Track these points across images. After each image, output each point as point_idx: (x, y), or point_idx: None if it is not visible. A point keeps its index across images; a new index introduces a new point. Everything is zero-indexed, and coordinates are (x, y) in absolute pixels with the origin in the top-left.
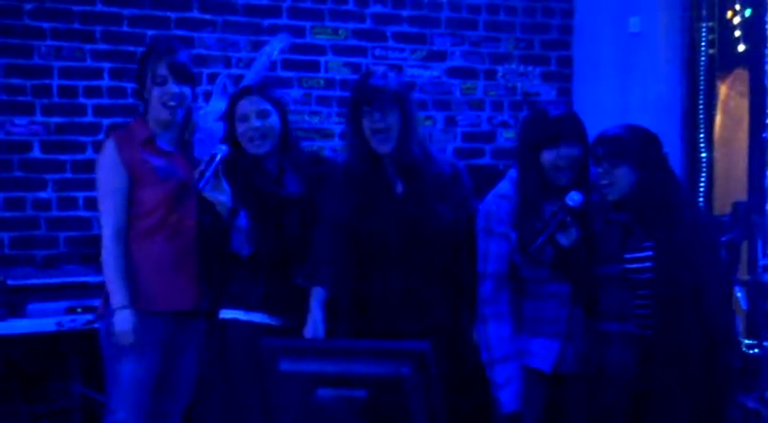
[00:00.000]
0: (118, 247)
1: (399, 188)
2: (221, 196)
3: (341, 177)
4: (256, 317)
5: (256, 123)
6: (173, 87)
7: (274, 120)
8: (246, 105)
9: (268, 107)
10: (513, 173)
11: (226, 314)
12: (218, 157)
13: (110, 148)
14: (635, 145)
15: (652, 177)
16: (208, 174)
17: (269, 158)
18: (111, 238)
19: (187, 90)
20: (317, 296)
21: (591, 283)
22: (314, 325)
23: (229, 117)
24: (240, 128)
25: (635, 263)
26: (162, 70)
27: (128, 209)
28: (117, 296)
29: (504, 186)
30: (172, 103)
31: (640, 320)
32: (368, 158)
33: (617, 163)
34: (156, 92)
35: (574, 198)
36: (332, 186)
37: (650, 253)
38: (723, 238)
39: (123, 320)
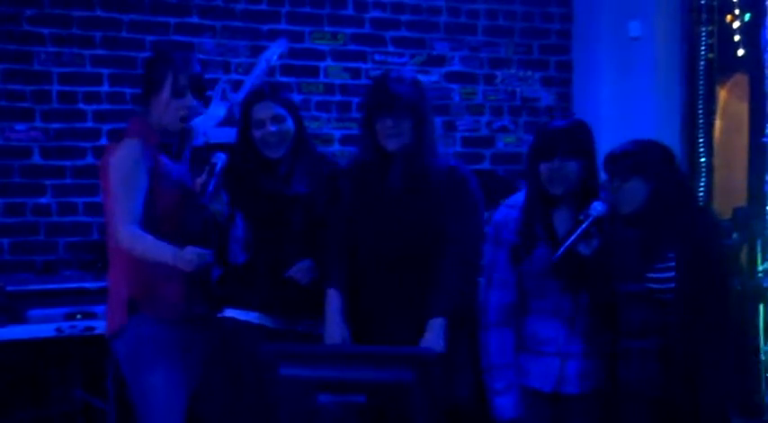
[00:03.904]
0: (144, 232)
1: (399, 191)
2: (219, 205)
3: (347, 175)
4: (255, 317)
5: (272, 128)
6: (191, 100)
7: (289, 124)
8: (261, 110)
9: (282, 112)
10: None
11: (225, 313)
12: (218, 166)
13: (135, 145)
14: (646, 160)
15: (664, 192)
16: (211, 186)
17: (281, 161)
18: (134, 229)
19: (199, 104)
20: (333, 301)
21: (609, 296)
22: (333, 332)
23: (243, 121)
24: (257, 134)
25: (659, 283)
26: (183, 82)
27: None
28: (167, 253)
29: (516, 197)
30: (186, 116)
31: (664, 337)
32: (377, 153)
33: (628, 178)
34: (173, 104)
35: (598, 208)
36: (339, 185)
37: (671, 273)
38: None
39: (190, 254)
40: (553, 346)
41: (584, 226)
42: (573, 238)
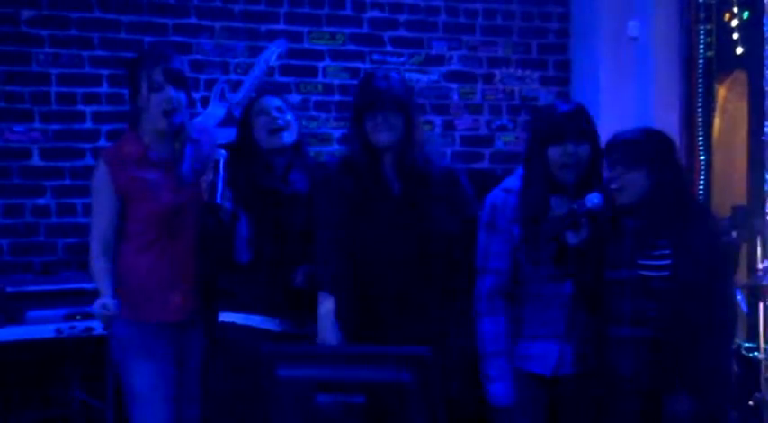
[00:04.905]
0: (105, 261)
1: (397, 190)
2: (225, 203)
3: (339, 175)
4: (255, 320)
5: (276, 114)
6: (171, 92)
7: (292, 118)
8: (264, 102)
9: (284, 105)
10: (521, 169)
11: (224, 318)
12: (222, 163)
13: (101, 169)
14: (650, 149)
15: (667, 182)
16: (220, 186)
17: (279, 157)
18: (97, 252)
19: (183, 96)
20: (325, 304)
21: (595, 286)
22: (324, 334)
23: (245, 117)
24: (260, 121)
25: (652, 270)
26: (158, 76)
27: (117, 227)
28: (99, 289)
29: (511, 181)
30: (169, 109)
31: (654, 325)
32: (368, 151)
33: (631, 167)
34: (153, 99)
35: (594, 200)
36: (331, 185)
37: (668, 261)
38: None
39: (98, 304)
40: (552, 331)
41: (575, 215)
42: (562, 224)
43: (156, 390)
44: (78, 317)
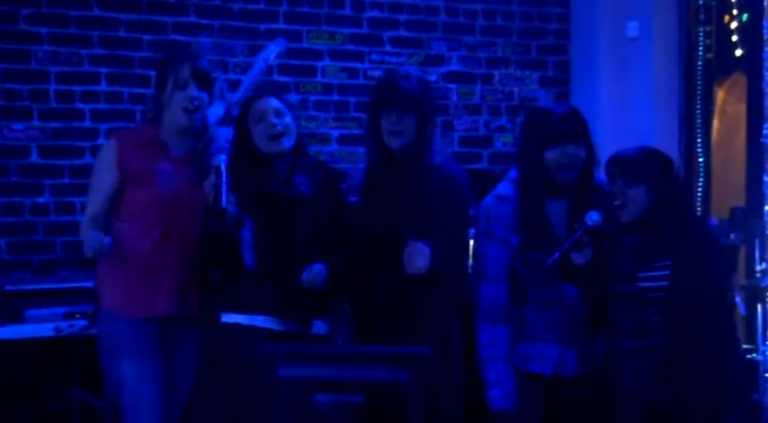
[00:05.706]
0: (93, 226)
1: (401, 189)
2: (229, 207)
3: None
4: (259, 321)
5: (275, 120)
6: (194, 91)
7: (290, 120)
8: (262, 105)
9: (283, 107)
10: (512, 173)
11: (227, 319)
12: (224, 167)
13: (110, 146)
14: (650, 166)
15: (667, 198)
16: (224, 189)
17: (280, 160)
18: (87, 222)
19: (206, 96)
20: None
21: (602, 301)
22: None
23: (241, 119)
24: (259, 127)
25: (650, 281)
26: (185, 74)
27: (110, 207)
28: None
29: (504, 187)
30: (191, 107)
31: (656, 337)
32: (380, 152)
33: (632, 183)
34: (177, 96)
35: (593, 218)
36: (341, 190)
37: (666, 272)
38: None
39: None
40: (553, 333)
41: (577, 235)
42: (566, 246)
43: (143, 386)
44: (77, 315)
